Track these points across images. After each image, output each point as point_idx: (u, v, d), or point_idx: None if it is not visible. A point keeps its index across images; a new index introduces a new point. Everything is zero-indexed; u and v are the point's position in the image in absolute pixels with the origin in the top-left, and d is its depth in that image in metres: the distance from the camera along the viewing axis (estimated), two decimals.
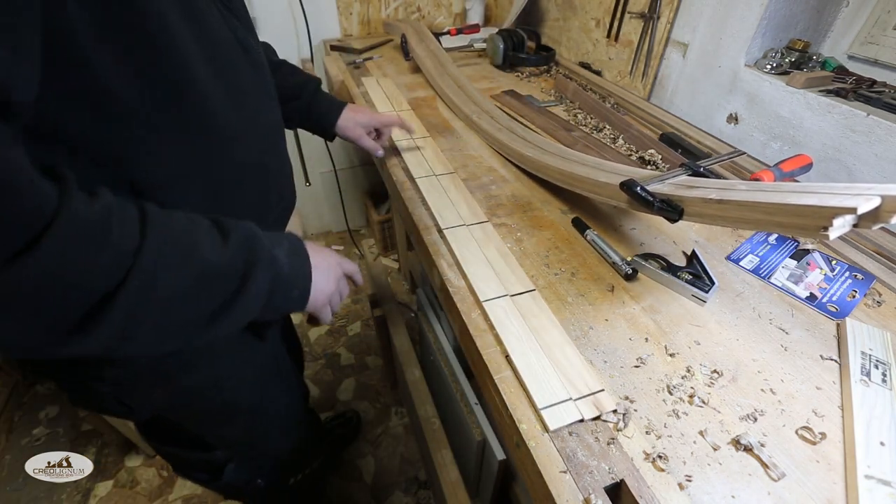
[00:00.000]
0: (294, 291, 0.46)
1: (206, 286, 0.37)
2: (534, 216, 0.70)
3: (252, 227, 0.42)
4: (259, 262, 0.40)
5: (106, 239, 0.31)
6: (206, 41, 0.42)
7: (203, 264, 0.36)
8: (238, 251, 0.39)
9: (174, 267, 0.35)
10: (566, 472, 0.39)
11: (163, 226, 0.35)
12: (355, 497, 1.19)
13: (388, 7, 1.56)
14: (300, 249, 0.47)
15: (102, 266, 0.31)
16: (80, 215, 0.30)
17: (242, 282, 0.39)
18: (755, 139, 0.92)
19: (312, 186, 1.83)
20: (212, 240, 0.38)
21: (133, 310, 0.32)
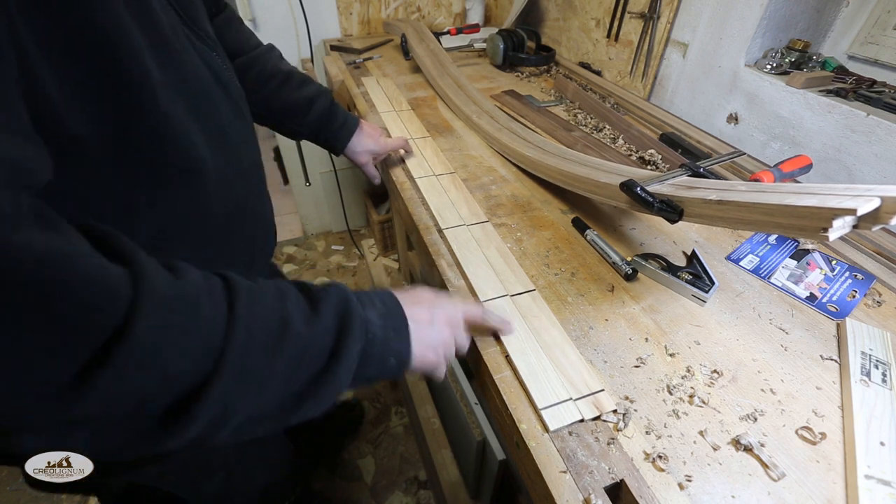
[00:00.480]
0: (390, 360, 0.40)
1: (298, 363, 0.33)
2: (534, 216, 0.70)
3: (343, 290, 0.38)
4: (352, 330, 0.36)
5: (194, 324, 0.28)
6: (183, 85, 0.39)
7: (296, 339, 0.33)
8: (330, 320, 0.35)
9: (267, 346, 0.31)
10: (566, 472, 0.39)
11: (251, 299, 0.32)
12: (355, 497, 1.19)
13: (388, 7, 1.56)
14: (395, 309, 0.41)
15: (192, 357, 0.27)
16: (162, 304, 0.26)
17: (334, 351, 0.35)
18: (755, 139, 0.93)
19: (312, 186, 1.83)
20: (302, 310, 0.35)
21: (225, 399, 0.29)
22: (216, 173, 0.43)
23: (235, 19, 0.69)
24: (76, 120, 0.31)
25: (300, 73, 0.74)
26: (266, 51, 0.71)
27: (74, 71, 0.30)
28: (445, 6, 1.64)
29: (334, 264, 1.94)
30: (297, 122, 0.73)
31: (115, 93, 0.32)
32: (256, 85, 0.68)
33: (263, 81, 0.69)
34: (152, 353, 0.25)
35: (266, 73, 0.69)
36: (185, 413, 0.27)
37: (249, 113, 0.53)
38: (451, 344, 0.45)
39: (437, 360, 0.44)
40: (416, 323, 0.42)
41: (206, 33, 0.45)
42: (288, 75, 0.72)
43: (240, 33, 0.68)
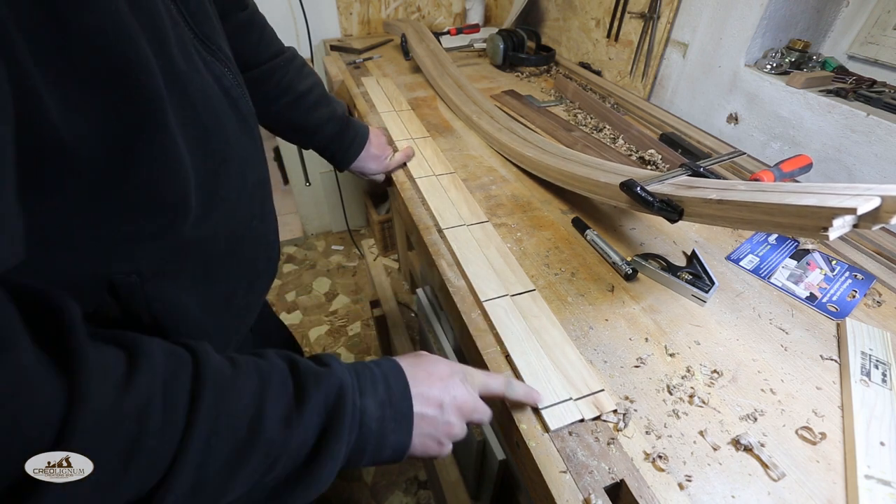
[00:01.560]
0: (385, 451, 0.36)
1: (267, 469, 0.30)
2: (534, 216, 0.70)
3: (340, 374, 0.35)
4: (338, 431, 0.33)
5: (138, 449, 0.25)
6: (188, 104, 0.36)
7: (266, 447, 0.30)
8: (315, 417, 0.32)
9: (230, 457, 0.29)
10: (566, 472, 0.39)
11: (219, 399, 0.29)
12: (355, 497, 1.19)
13: (388, 7, 1.56)
14: (400, 396, 0.37)
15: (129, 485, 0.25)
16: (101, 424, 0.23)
17: (315, 453, 0.32)
18: (755, 139, 0.93)
19: (312, 186, 1.84)
20: (282, 406, 0.31)
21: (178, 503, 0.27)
22: (220, 199, 0.41)
23: (257, 22, 0.64)
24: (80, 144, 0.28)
25: (317, 92, 0.71)
26: (284, 63, 0.67)
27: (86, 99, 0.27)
28: (445, 6, 1.64)
29: (334, 264, 1.94)
30: (303, 142, 0.74)
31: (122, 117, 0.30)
32: (267, 100, 0.66)
33: (274, 98, 0.67)
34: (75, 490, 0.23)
35: (278, 91, 0.67)
36: None
37: (259, 129, 0.50)
38: (460, 432, 0.41)
39: (440, 450, 0.40)
40: (422, 414, 0.38)
41: (219, 48, 0.43)
42: (301, 95, 0.69)
43: (260, 39, 0.64)
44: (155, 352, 0.28)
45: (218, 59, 0.42)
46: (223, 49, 0.43)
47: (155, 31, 0.32)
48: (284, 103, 0.68)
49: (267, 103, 0.66)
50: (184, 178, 0.35)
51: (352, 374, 0.36)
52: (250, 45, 0.63)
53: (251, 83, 0.62)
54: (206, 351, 0.31)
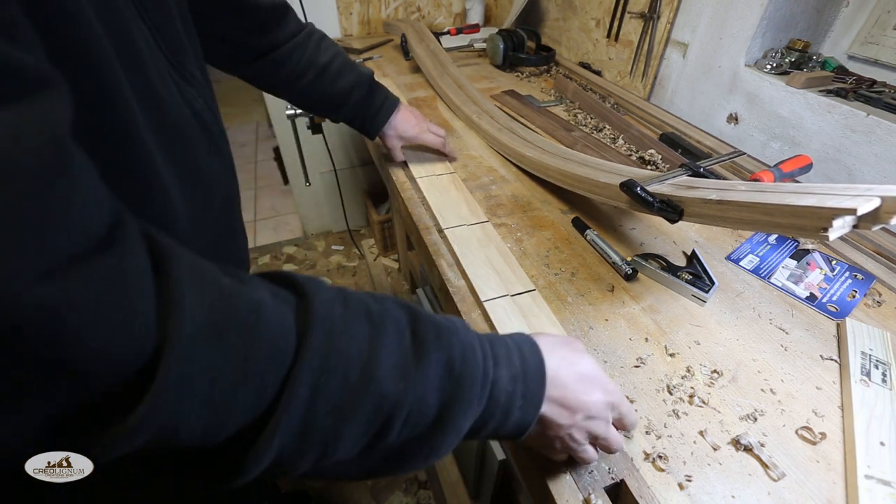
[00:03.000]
0: (508, 426, 0.33)
1: (382, 425, 0.27)
2: (534, 216, 0.70)
3: (467, 332, 0.32)
4: (465, 396, 0.29)
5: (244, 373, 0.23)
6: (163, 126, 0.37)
7: (380, 400, 0.27)
8: (439, 376, 0.29)
9: (336, 401, 0.26)
10: (566, 472, 0.39)
11: (329, 335, 0.26)
12: (355, 497, 1.19)
13: (388, 7, 1.56)
14: (534, 372, 0.34)
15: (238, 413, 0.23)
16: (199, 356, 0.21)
17: (437, 421, 0.29)
18: (755, 139, 0.93)
19: (312, 186, 1.83)
20: (400, 357, 0.28)
21: (282, 452, 0.25)
22: (188, 216, 0.41)
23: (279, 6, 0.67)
24: None
25: (339, 61, 0.72)
26: (303, 40, 0.69)
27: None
28: (445, 6, 1.64)
29: (334, 264, 1.94)
30: (333, 113, 0.75)
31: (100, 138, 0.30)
32: (291, 79, 0.69)
33: (298, 76, 0.69)
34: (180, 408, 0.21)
35: (301, 67, 0.69)
36: (237, 459, 0.24)
37: (229, 148, 0.51)
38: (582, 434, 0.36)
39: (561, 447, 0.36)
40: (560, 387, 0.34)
41: (192, 74, 0.45)
42: (323, 68, 0.70)
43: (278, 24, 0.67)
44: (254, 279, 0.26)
45: (190, 84, 0.44)
46: (195, 75, 0.46)
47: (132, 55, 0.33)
48: (310, 77, 0.70)
49: (291, 82, 0.69)
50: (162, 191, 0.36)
51: (483, 338, 0.33)
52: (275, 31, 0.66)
53: (274, 65, 0.66)
54: (318, 285, 0.28)
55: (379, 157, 0.89)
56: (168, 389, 0.20)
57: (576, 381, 0.35)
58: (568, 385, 0.35)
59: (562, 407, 0.34)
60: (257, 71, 0.68)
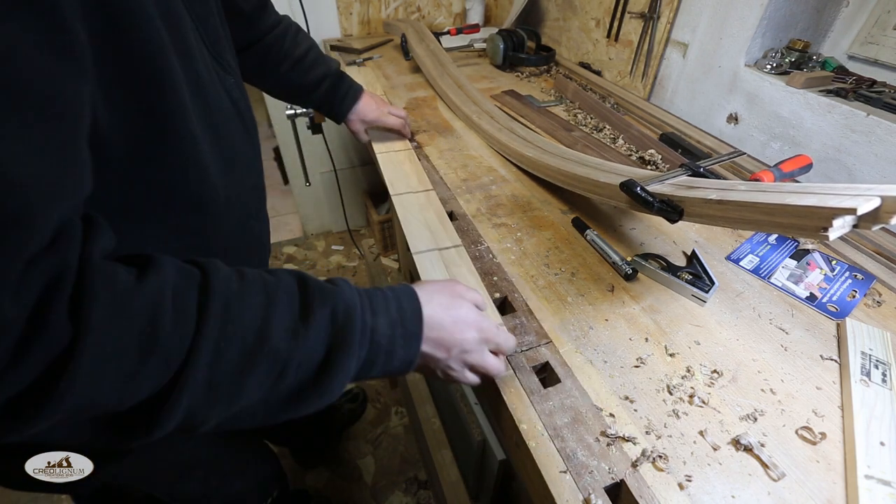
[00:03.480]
0: (394, 363, 0.38)
1: (277, 378, 0.32)
2: (534, 216, 0.70)
3: (349, 292, 0.36)
4: (348, 345, 0.34)
5: (153, 345, 0.27)
6: (208, 113, 0.42)
7: (273, 355, 0.31)
8: (322, 331, 0.34)
9: (238, 363, 0.30)
10: (566, 472, 0.39)
11: (226, 307, 0.30)
12: (355, 497, 1.19)
13: (388, 7, 1.56)
14: (410, 316, 0.39)
15: (145, 377, 0.27)
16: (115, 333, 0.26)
17: (324, 365, 0.34)
18: (755, 139, 0.93)
19: (312, 186, 1.83)
20: (288, 318, 0.33)
21: (192, 409, 0.29)
22: (225, 197, 0.45)
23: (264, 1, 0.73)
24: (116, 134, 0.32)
25: (312, 53, 0.78)
26: (282, 32, 0.74)
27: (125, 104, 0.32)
28: (445, 6, 1.64)
29: (334, 264, 1.94)
30: (303, 100, 0.82)
31: (153, 118, 0.35)
32: (269, 69, 0.75)
33: (276, 66, 0.75)
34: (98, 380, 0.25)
35: (279, 57, 0.74)
36: (152, 416, 0.28)
37: (258, 136, 0.56)
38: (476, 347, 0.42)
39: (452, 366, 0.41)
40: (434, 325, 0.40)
41: (228, 63, 0.49)
42: (299, 59, 0.76)
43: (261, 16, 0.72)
44: (165, 263, 0.30)
45: (228, 73, 0.48)
46: (231, 64, 0.50)
47: (186, 50, 0.38)
48: (286, 68, 0.76)
49: (271, 70, 0.75)
50: (205, 172, 0.41)
51: (363, 294, 0.38)
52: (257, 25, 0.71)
53: (258, 55, 0.72)
54: (216, 265, 0.32)
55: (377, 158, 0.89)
56: (81, 365, 0.24)
57: (452, 324, 0.41)
58: (444, 327, 0.40)
59: (438, 346, 0.40)
60: (244, 60, 0.71)
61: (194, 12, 0.42)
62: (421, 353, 0.39)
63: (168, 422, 0.28)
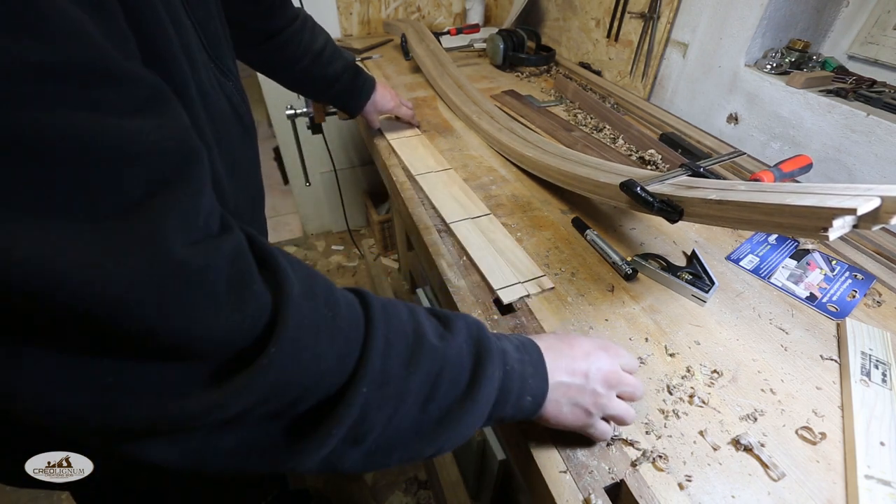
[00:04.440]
0: (526, 398, 0.36)
1: (436, 380, 0.31)
2: (534, 216, 0.70)
3: (472, 317, 0.37)
4: (489, 354, 0.34)
5: (337, 328, 0.28)
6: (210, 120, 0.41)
7: (432, 353, 0.31)
8: (465, 340, 0.34)
9: (404, 356, 0.30)
10: (566, 472, 0.39)
11: (384, 309, 0.31)
12: (355, 497, 1.19)
13: (388, 7, 1.56)
14: (530, 345, 0.39)
15: (337, 358, 0.27)
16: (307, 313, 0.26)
17: (473, 375, 0.33)
18: (755, 139, 0.93)
19: (312, 186, 1.83)
20: (434, 325, 0.34)
21: (365, 405, 0.28)
22: (232, 205, 0.45)
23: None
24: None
25: (330, 47, 0.79)
26: (300, 25, 0.75)
27: None
28: (445, 6, 1.64)
29: (334, 264, 1.94)
30: (322, 95, 0.84)
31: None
32: (291, 62, 0.75)
33: (297, 59, 0.75)
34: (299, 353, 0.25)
35: (300, 51, 0.75)
36: (329, 415, 0.27)
37: (257, 141, 0.56)
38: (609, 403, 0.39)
39: (589, 420, 0.39)
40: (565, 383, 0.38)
41: (228, 68, 0.48)
42: (318, 53, 0.77)
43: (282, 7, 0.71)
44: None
45: (227, 77, 0.47)
46: (231, 68, 0.49)
47: (190, 56, 0.37)
48: (307, 61, 0.76)
49: (292, 65, 0.75)
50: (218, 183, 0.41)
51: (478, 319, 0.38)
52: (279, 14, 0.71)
53: (277, 49, 0.72)
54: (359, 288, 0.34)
55: (379, 157, 0.89)
56: (288, 335, 0.24)
57: (569, 348, 0.40)
58: (563, 352, 0.40)
59: (571, 372, 0.38)
60: (262, 54, 0.72)
61: (195, 16, 0.41)
62: (555, 383, 0.37)
63: (345, 417, 0.27)
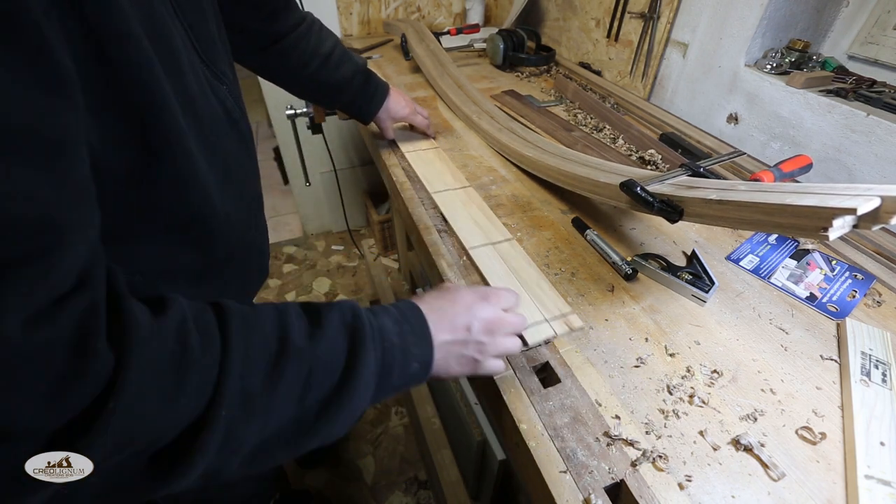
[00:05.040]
0: (412, 364, 0.38)
1: (305, 382, 0.32)
2: (534, 216, 0.70)
3: (350, 302, 0.38)
4: (363, 340, 0.35)
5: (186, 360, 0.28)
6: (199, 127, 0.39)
7: (298, 357, 0.32)
8: (338, 331, 0.35)
9: (266, 370, 0.31)
10: (566, 472, 0.39)
11: (245, 325, 0.31)
12: (355, 497, 1.19)
13: (388, 7, 1.56)
14: (411, 313, 0.40)
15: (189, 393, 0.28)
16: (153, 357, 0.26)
17: (347, 365, 0.34)
18: (755, 139, 0.93)
19: (312, 186, 1.83)
20: (302, 326, 0.34)
21: (230, 427, 0.29)
22: (224, 213, 0.44)
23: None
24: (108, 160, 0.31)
25: (339, 50, 0.75)
26: (307, 28, 0.72)
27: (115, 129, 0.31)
28: (445, 6, 1.64)
29: (334, 264, 1.94)
30: (333, 101, 0.79)
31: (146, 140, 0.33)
32: (298, 67, 0.71)
33: (304, 64, 0.72)
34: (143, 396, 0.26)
35: (307, 55, 0.71)
36: (194, 443, 0.28)
37: (254, 146, 0.54)
38: (494, 348, 0.43)
39: (477, 366, 0.42)
40: (449, 340, 0.40)
41: (222, 72, 0.46)
42: (326, 57, 0.73)
43: (286, 8, 0.69)
44: (176, 298, 0.31)
45: (221, 81, 0.45)
46: (226, 73, 0.47)
47: (174, 63, 0.35)
48: (315, 66, 0.72)
49: (300, 69, 0.72)
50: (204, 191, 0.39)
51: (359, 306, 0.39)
52: (283, 17, 0.68)
53: (281, 54, 0.69)
54: (224, 300, 0.34)
55: (379, 157, 0.89)
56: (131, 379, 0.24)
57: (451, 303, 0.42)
58: (445, 309, 0.42)
59: (454, 328, 0.41)
60: (267, 59, 0.69)
61: (185, 18, 0.39)
62: (440, 343, 0.40)
63: (210, 443, 0.28)
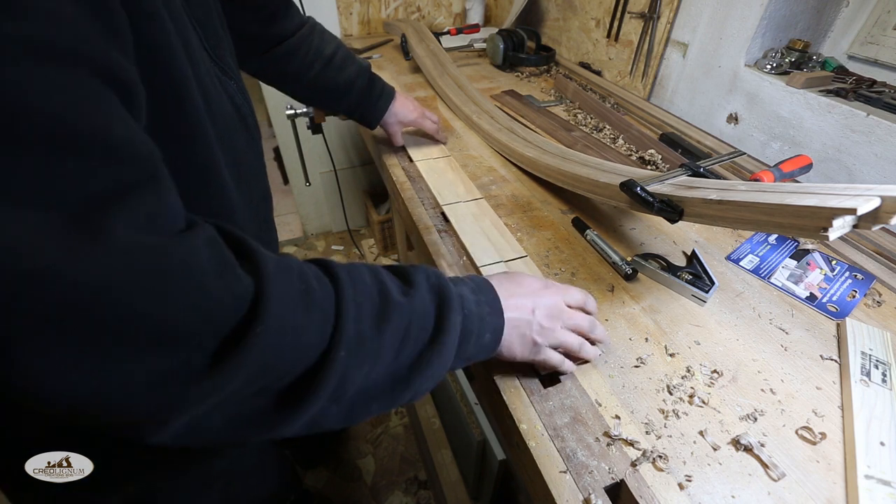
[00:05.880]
0: (486, 334, 0.40)
1: (405, 333, 0.34)
2: (534, 216, 0.70)
3: (431, 268, 0.39)
4: (450, 302, 0.37)
5: (310, 300, 0.29)
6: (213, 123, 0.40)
7: (399, 309, 0.34)
8: (427, 291, 0.36)
9: (374, 316, 0.33)
10: (566, 472, 0.39)
11: (350, 275, 0.33)
12: (355, 497, 1.19)
13: (388, 7, 1.56)
14: (485, 285, 0.42)
15: (315, 330, 0.29)
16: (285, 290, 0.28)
17: (437, 322, 0.36)
18: (755, 139, 0.93)
19: (312, 186, 1.83)
20: (397, 284, 0.36)
21: (344, 369, 0.30)
22: (239, 208, 0.44)
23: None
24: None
25: (341, 52, 0.74)
26: (309, 30, 0.71)
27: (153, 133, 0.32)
28: (445, 6, 1.64)
29: None
30: (337, 103, 0.77)
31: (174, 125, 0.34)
32: (301, 70, 0.71)
33: (307, 67, 0.71)
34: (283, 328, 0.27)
35: (309, 58, 0.71)
36: (313, 383, 0.29)
37: (261, 141, 0.54)
38: (554, 336, 0.44)
39: (537, 352, 0.43)
40: (513, 318, 0.42)
41: (230, 67, 0.46)
42: (329, 59, 0.72)
43: (287, 13, 0.69)
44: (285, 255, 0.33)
45: (229, 77, 0.46)
46: (233, 68, 0.47)
47: (191, 54, 0.36)
48: (318, 68, 0.72)
49: (303, 71, 0.71)
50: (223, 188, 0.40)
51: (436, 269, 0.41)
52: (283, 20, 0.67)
53: (282, 58, 0.68)
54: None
55: (379, 157, 0.89)
56: (272, 312, 0.26)
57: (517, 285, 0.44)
58: (512, 291, 0.43)
59: (519, 308, 0.42)
60: (267, 63, 0.69)
61: (195, 16, 0.40)
62: (508, 318, 0.41)
63: (326, 385, 0.29)
